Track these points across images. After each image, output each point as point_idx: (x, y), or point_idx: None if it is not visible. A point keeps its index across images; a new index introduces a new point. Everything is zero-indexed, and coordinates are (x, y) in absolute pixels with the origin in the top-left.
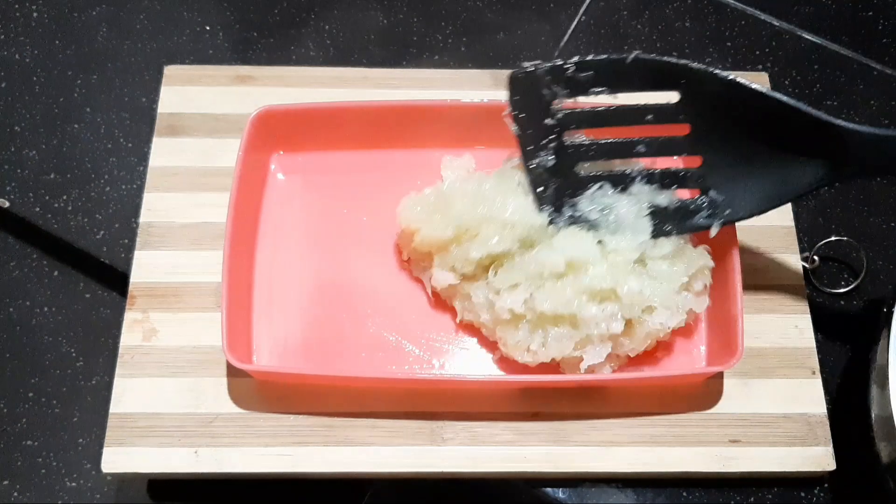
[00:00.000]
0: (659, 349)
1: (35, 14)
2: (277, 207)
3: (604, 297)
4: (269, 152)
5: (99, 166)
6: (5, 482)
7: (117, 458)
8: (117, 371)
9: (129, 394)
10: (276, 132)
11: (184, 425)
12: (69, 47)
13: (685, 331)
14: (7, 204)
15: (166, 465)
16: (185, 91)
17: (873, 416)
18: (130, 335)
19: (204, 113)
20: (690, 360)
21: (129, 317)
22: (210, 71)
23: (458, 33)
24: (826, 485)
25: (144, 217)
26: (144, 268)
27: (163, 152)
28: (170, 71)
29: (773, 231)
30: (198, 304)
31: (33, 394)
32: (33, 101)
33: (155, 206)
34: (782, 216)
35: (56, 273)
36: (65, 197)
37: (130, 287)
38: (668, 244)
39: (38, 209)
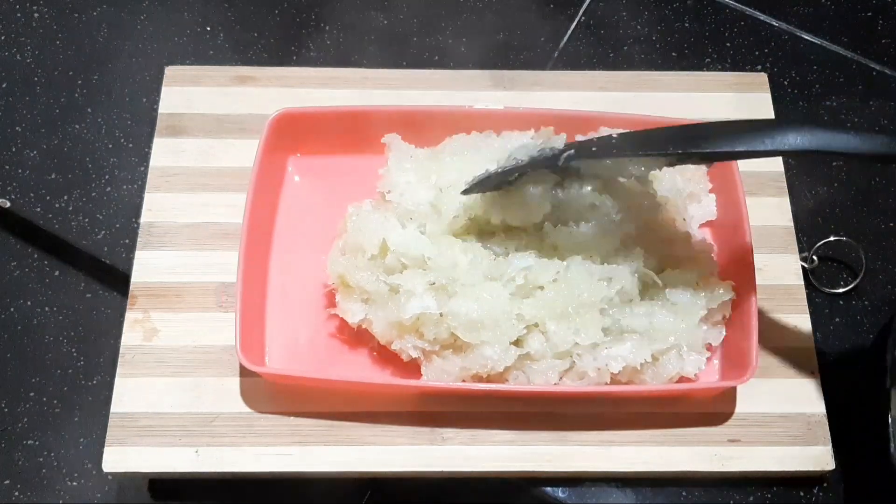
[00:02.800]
0: None
1: (36, 15)
2: (293, 209)
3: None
4: (287, 154)
5: (100, 166)
6: (6, 481)
7: (118, 458)
8: (118, 371)
9: (129, 393)
10: (294, 134)
11: (184, 425)
12: (70, 48)
13: None
14: (8, 204)
15: (167, 465)
16: (186, 91)
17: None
18: (131, 335)
19: (204, 113)
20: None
21: (130, 316)
22: (211, 71)
23: (457, 34)
24: (825, 484)
25: (145, 217)
26: (145, 268)
27: (164, 152)
28: (171, 71)
29: (772, 231)
30: (198, 304)
31: (34, 393)
32: (34, 101)
33: (156, 206)
34: (781, 216)
35: (57, 273)
36: (66, 197)
37: (131, 287)
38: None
39: (38, 209)
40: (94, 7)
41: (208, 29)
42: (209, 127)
